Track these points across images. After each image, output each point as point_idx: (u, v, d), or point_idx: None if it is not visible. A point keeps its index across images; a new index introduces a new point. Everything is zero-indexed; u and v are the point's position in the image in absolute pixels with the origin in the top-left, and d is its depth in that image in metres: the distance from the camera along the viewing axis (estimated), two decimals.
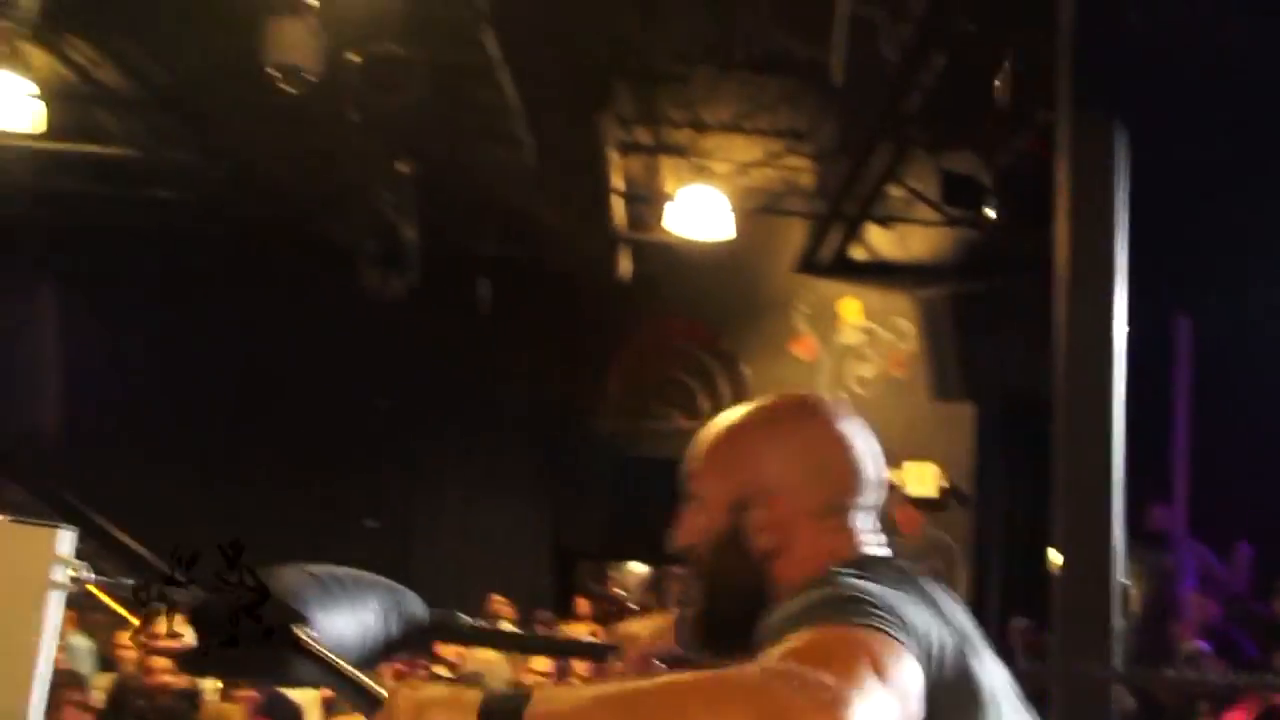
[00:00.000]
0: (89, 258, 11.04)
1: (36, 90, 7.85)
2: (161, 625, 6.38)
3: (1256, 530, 7.52)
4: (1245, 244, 6.95)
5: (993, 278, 8.54)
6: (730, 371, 9.70)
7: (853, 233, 8.71)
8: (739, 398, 9.51)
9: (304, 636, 1.21)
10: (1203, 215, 6.76)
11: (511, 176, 8.08)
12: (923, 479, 9.06)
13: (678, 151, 8.38)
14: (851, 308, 9.43)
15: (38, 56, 8.08)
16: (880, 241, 9.08)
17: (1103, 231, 4.03)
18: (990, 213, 7.37)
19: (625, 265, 9.27)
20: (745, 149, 8.51)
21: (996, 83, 6.05)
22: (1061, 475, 4.26)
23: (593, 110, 6.28)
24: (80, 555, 1.86)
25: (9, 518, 1.89)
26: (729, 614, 1.35)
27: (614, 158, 7.33)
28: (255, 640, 1.22)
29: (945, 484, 9.14)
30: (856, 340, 9.48)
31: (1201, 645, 6.78)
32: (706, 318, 9.66)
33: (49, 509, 11.02)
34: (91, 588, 1.99)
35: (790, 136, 8.31)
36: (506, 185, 8.25)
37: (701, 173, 8.40)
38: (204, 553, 1.47)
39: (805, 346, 9.57)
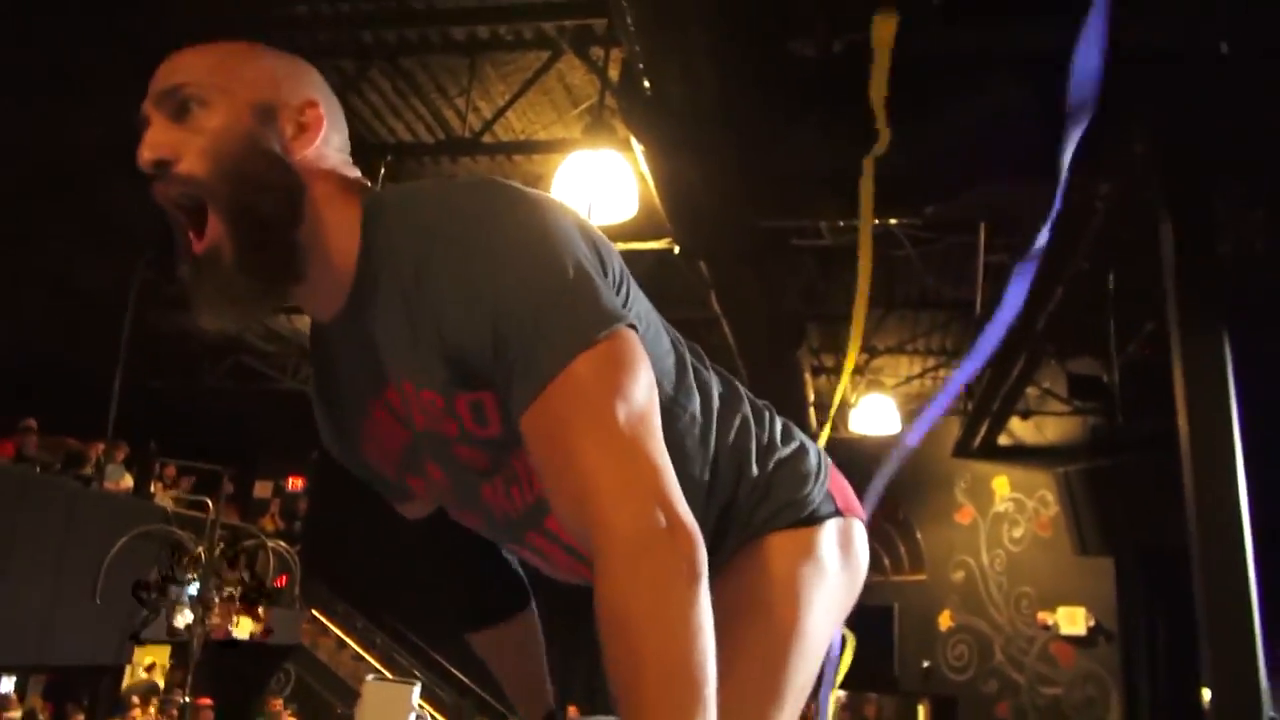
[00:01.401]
0: None
1: None
2: None
3: None
4: None
5: (1115, 455, 8.04)
6: (906, 536, 9.33)
7: (998, 424, 8.37)
8: (915, 558, 9.15)
9: None
10: None
11: None
12: (1073, 620, 8.46)
13: (857, 371, 8.32)
14: (1002, 483, 9.00)
15: None
16: (1021, 430, 8.73)
17: (1219, 418, 3.66)
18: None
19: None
20: (908, 366, 8.38)
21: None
22: (1205, 620, 3.79)
23: (791, 346, 6.24)
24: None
25: (376, 677, 1.87)
26: (269, 220, 0.89)
27: (809, 379, 7.26)
28: None
29: (1092, 623, 8.44)
30: (1007, 508, 9.00)
31: None
32: (886, 496, 9.34)
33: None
34: None
35: (942, 354, 8.14)
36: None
37: (874, 385, 8.31)
38: None
39: (965, 514, 9.18)
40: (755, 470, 1.12)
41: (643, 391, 0.87)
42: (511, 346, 0.86)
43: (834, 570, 1.15)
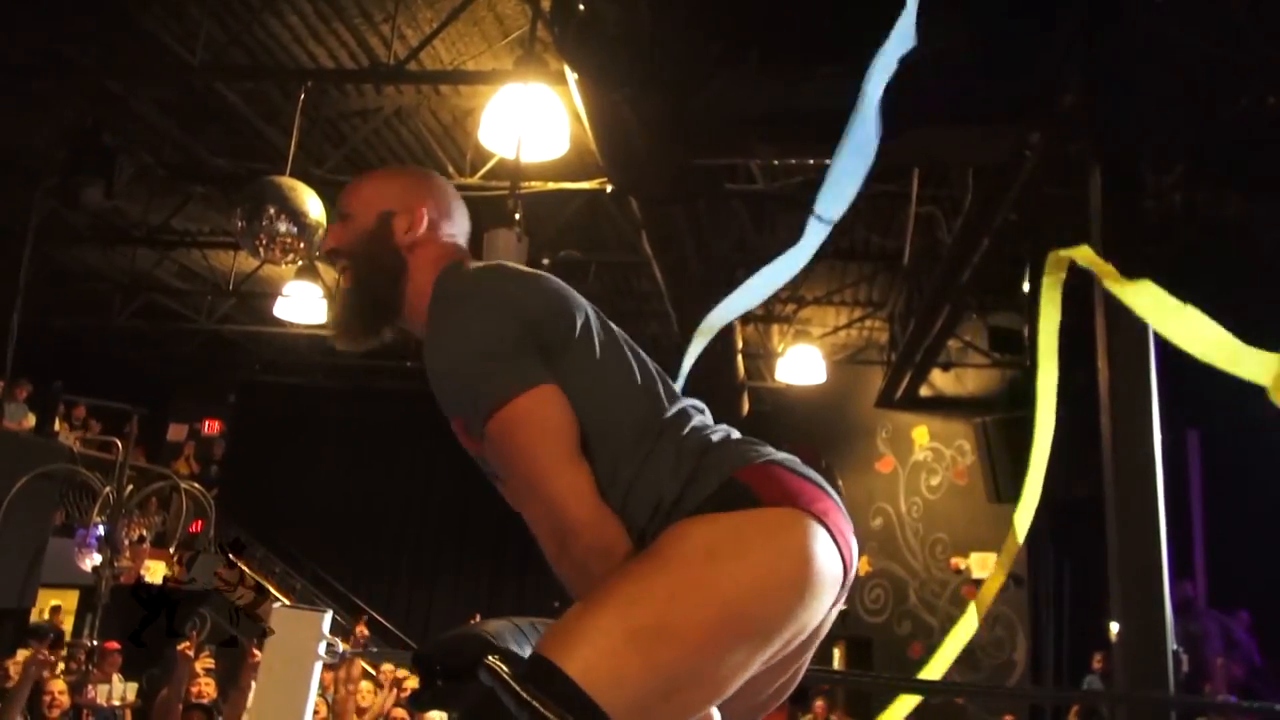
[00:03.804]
0: (362, 412, 11.35)
1: (323, 293, 8.15)
2: (412, 681, 6.35)
3: (1257, 599, 7.11)
4: None
5: (1031, 407, 8.24)
6: (830, 484, 9.48)
7: (920, 376, 8.49)
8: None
9: (496, 665, 1.08)
10: None
11: (661, 344, 8.09)
12: (985, 565, 8.70)
13: (784, 320, 8.35)
14: (921, 433, 9.16)
15: (326, 271, 8.42)
16: (942, 382, 8.87)
17: (1139, 371, 3.74)
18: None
19: (747, 406, 9.19)
20: (835, 316, 8.43)
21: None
22: (1116, 559, 3.92)
23: (721, 292, 6.19)
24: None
25: (288, 605, 1.80)
26: (377, 290, 1.37)
27: (737, 326, 7.24)
28: (463, 673, 1.11)
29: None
30: (926, 457, 9.18)
31: (1231, 699, 6.41)
32: (810, 443, 9.48)
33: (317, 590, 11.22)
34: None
35: (869, 305, 8.20)
36: (658, 352, 8.24)
37: (802, 335, 8.35)
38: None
39: (886, 463, 9.33)
40: (673, 488, 1.21)
41: (545, 434, 1.18)
42: (455, 399, 1.25)
43: (728, 545, 1.11)
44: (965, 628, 3.15)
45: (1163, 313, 1.53)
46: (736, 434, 1.35)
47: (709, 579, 1.08)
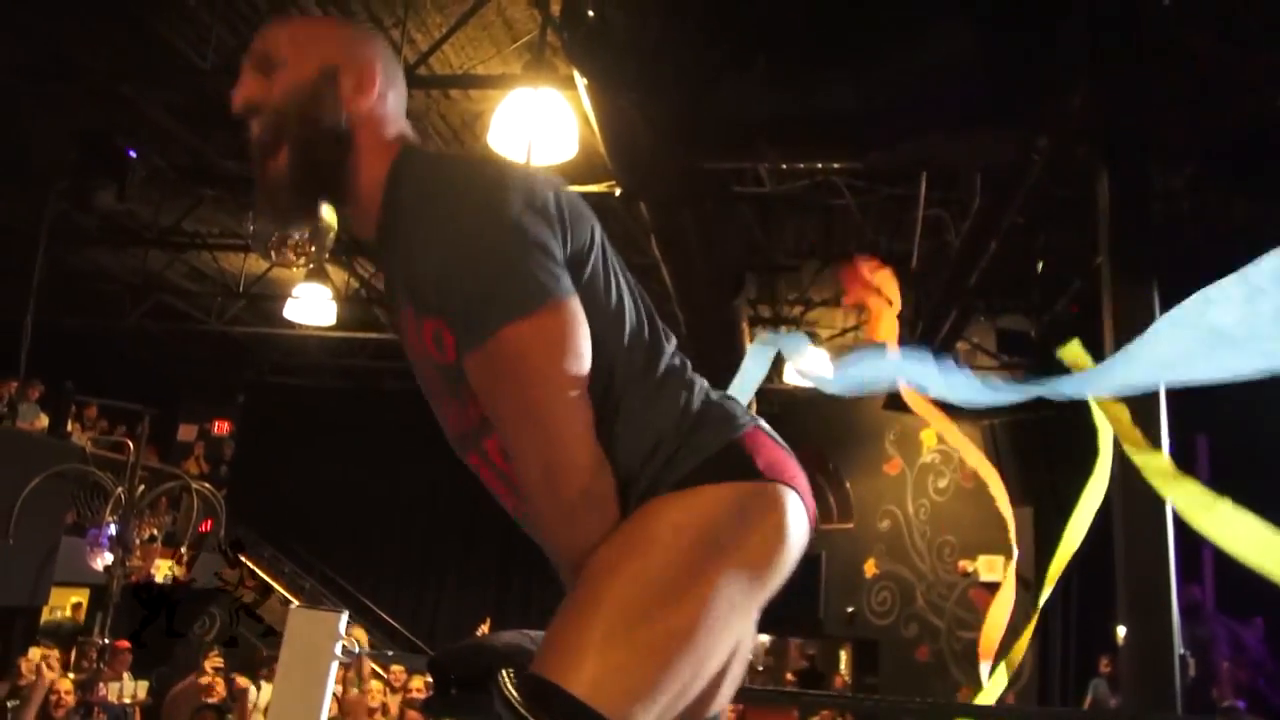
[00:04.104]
0: (370, 413, 11.39)
1: (332, 295, 8.20)
2: (416, 682, 6.38)
3: (1266, 603, 6.85)
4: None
5: (1039, 410, 8.22)
6: (836, 487, 9.47)
7: None
8: (843, 508, 9.31)
9: (507, 680, 1.02)
10: None
11: None
12: (993, 567, 8.69)
13: (792, 322, 8.36)
14: (929, 435, 9.15)
15: (336, 273, 8.47)
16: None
17: None
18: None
19: (754, 407, 9.18)
20: (843, 319, 8.44)
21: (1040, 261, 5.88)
22: (1123, 563, 3.93)
23: (729, 295, 6.22)
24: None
25: (303, 605, 1.83)
26: (317, 157, 1.13)
27: (745, 328, 7.26)
28: (475, 684, 1.09)
29: (1012, 569, 8.69)
30: (933, 460, 9.17)
31: (1238, 703, 6.39)
32: (817, 445, 9.48)
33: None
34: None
35: None
36: None
37: (810, 337, 8.35)
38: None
39: (894, 465, 9.34)
40: (671, 443, 1.14)
41: (562, 359, 1.04)
42: (456, 303, 1.03)
43: (728, 529, 1.08)
44: (995, 686, 3.17)
45: (1198, 510, 1.53)
46: (713, 395, 1.26)
47: (710, 571, 1.05)
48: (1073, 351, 2.06)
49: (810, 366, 6.32)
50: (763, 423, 1.22)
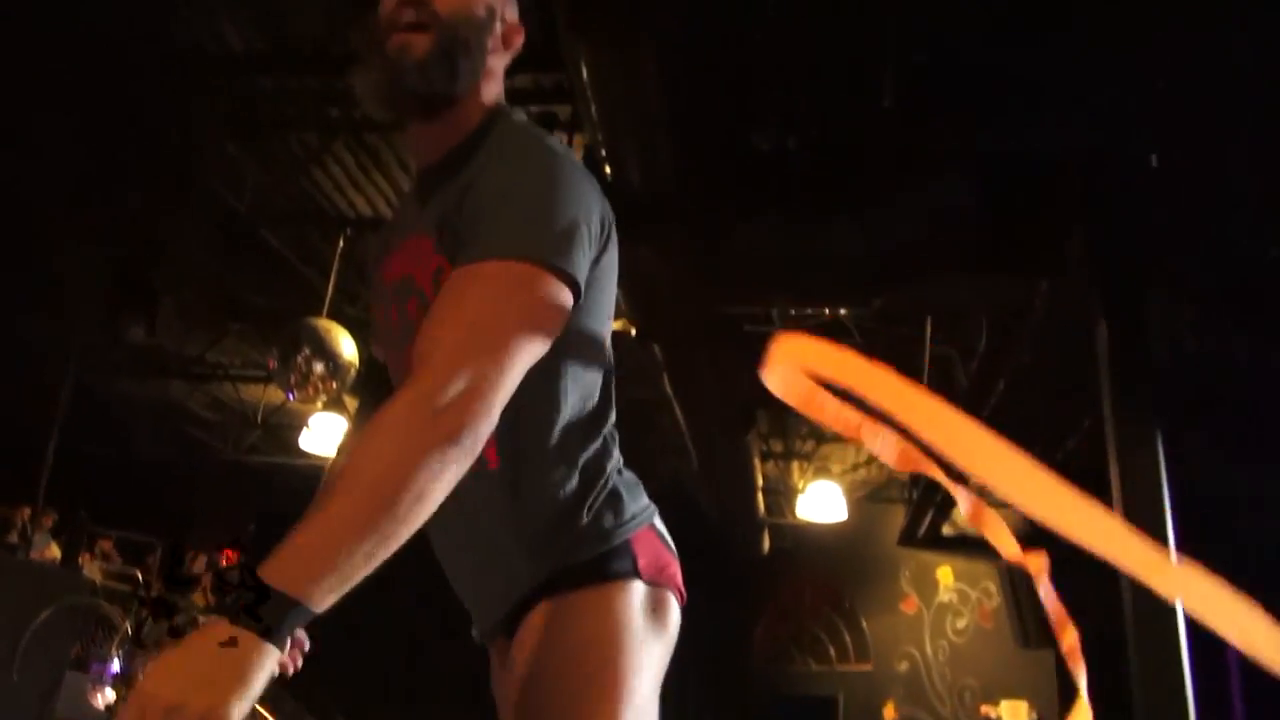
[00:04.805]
0: None
1: (348, 425, 8.30)
2: None
3: None
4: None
5: (1058, 548, 8.15)
6: (852, 625, 9.32)
7: (942, 514, 8.46)
8: (860, 648, 9.14)
9: None
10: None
11: (682, 479, 8.15)
12: (1017, 714, 8.42)
13: (803, 457, 8.41)
14: (946, 573, 9.05)
15: (353, 404, 8.62)
16: (964, 521, 8.80)
17: (1153, 513, 3.77)
18: None
19: (767, 543, 9.15)
20: (854, 454, 8.48)
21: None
22: (1142, 707, 3.86)
23: (741, 430, 6.31)
24: None
25: None
26: (452, 67, 1.23)
27: (757, 463, 7.32)
28: None
29: (1035, 717, 8.44)
30: (951, 599, 9.04)
31: None
32: (831, 583, 9.38)
33: None
34: None
35: None
36: (678, 487, 8.32)
37: (821, 472, 8.39)
38: None
39: (910, 604, 9.19)
40: (587, 507, 1.24)
41: (537, 327, 1.07)
42: (486, 219, 1.10)
43: (642, 629, 1.21)
44: None
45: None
46: (627, 475, 1.34)
47: (626, 682, 1.17)
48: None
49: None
50: (656, 517, 1.32)
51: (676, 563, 1.31)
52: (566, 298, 1.11)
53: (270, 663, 0.84)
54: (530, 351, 1.06)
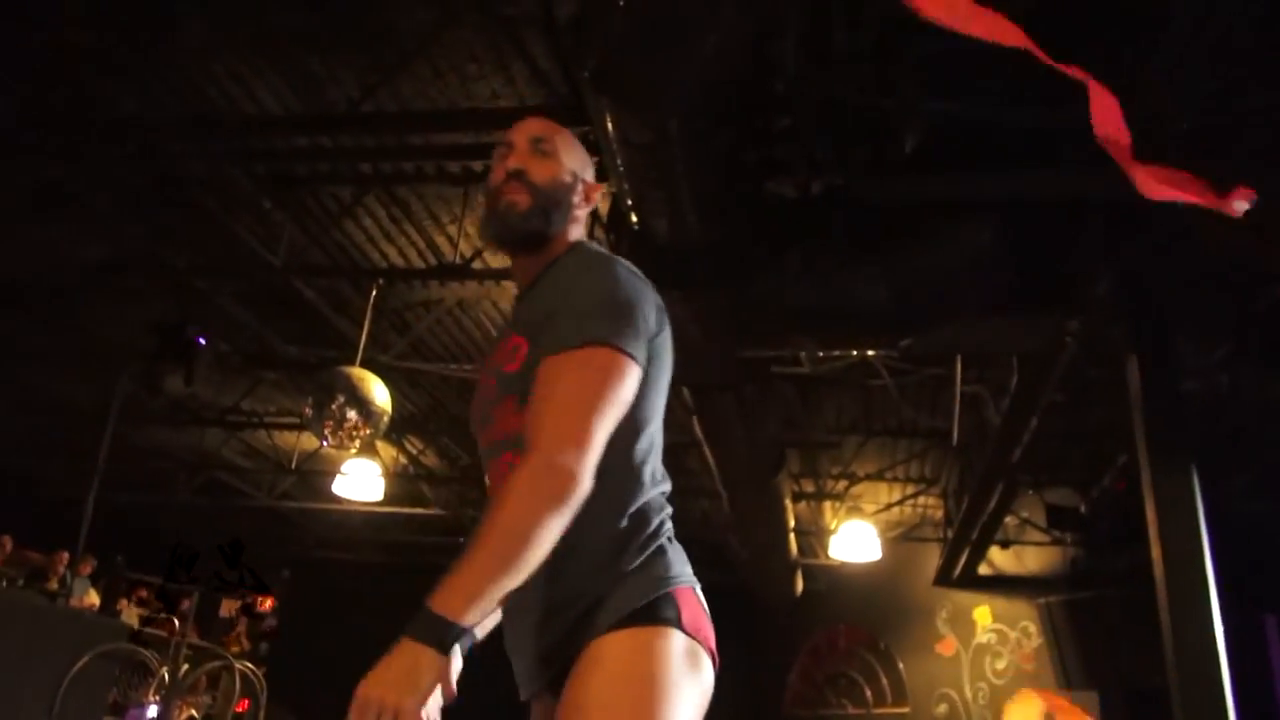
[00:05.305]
0: (412, 588, 11.36)
1: (381, 471, 8.41)
2: None
3: None
4: None
5: (1098, 586, 8.04)
6: (888, 667, 9.20)
7: (978, 553, 8.38)
8: (897, 690, 9.02)
9: None
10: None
11: (713, 522, 8.15)
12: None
13: (836, 497, 8.38)
14: (983, 613, 8.94)
15: (385, 450, 8.73)
16: (1001, 560, 8.73)
17: (1190, 547, 3.75)
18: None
19: (800, 584, 9.09)
20: (887, 493, 8.45)
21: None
22: None
23: (771, 472, 6.32)
24: None
25: None
26: (544, 219, 1.58)
27: (788, 504, 7.30)
28: None
29: None
30: (989, 639, 8.92)
31: None
32: (866, 624, 9.28)
33: None
34: None
35: (922, 481, 8.22)
36: (709, 529, 8.32)
37: (854, 512, 8.35)
38: None
39: (947, 645, 9.07)
40: (639, 555, 1.43)
41: (615, 400, 1.36)
42: (562, 316, 1.41)
43: (679, 672, 1.33)
44: None
45: None
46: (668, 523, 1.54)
47: (656, 715, 1.30)
48: None
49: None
50: (698, 586, 1.48)
51: (712, 630, 1.45)
52: (635, 373, 1.40)
53: (438, 667, 1.20)
54: (612, 421, 1.35)
